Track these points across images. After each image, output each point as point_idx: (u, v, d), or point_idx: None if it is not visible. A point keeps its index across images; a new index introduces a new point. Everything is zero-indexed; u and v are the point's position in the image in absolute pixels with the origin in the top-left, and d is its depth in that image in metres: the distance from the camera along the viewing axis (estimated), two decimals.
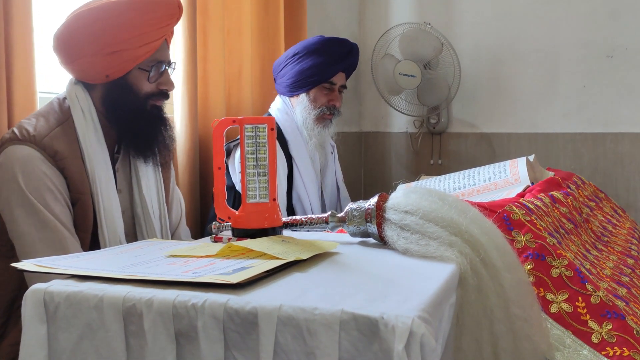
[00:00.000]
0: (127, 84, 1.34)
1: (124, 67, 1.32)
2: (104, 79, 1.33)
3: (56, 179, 1.25)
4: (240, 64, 2.16)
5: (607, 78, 2.66)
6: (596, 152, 2.70)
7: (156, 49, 1.35)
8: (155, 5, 1.33)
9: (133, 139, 1.38)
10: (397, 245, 1.03)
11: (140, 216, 1.42)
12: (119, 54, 1.30)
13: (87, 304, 0.82)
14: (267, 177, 1.11)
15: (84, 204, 1.29)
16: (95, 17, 1.30)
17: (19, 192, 1.22)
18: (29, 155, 1.23)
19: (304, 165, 1.97)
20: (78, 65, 1.32)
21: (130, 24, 1.30)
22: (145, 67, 1.35)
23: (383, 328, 0.71)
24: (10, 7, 1.37)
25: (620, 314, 1.23)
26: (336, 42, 1.99)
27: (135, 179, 1.42)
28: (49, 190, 1.23)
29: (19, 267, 0.90)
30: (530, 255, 1.31)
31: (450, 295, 0.89)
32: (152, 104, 1.39)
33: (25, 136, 1.25)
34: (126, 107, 1.35)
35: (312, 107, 1.96)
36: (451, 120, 2.96)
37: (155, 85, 1.38)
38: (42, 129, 1.27)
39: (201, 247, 1.04)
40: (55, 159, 1.25)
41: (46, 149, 1.25)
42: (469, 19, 2.88)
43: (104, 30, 1.29)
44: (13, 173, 1.22)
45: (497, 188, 1.82)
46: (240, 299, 0.77)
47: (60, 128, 1.29)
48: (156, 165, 1.44)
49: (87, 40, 1.29)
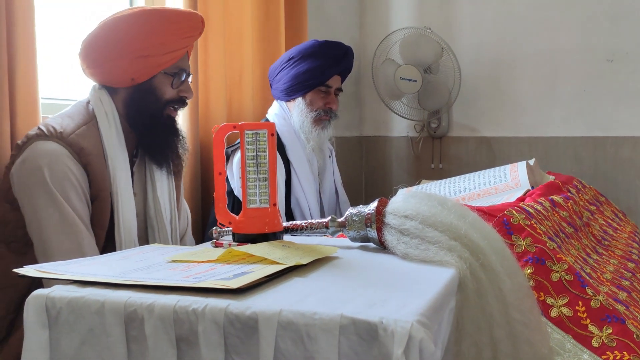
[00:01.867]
0: (151, 88, 1.41)
1: (150, 72, 1.40)
2: (129, 82, 1.39)
3: (79, 175, 1.30)
4: (241, 69, 2.16)
5: (608, 82, 2.67)
6: (596, 156, 2.70)
7: (179, 57, 1.43)
8: (182, 17, 1.43)
9: (150, 144, 1.45)
10: (397, 249, 1.03)
11: (153, 219, 1.47)
12: (146, 59, 1.37)
13: (88, 309, 0.82)
14: (267, 183, 1.11)
15: (102, 201, 1.34)
16: (124, 24, 1.37)
17: (43, 184, 1.26)
18: (56, 151, 1.28)
19: (301, 169, 1.98)
20: (106, 68, 1.39)
21: (158, 31, 1.38)
22: (170, 73, 1.43)
23: (382, 333, 0.71)
24: (13, 13, 1.38)
25: (620, 318, 1.23)
26: (331, 46, 2.00)
27: (150, 183, 1.48)
28: (72, 186, 1.28)
29: (21, 272, 0.91)
30: (530, 259, 1.32)
31: (449, 299, 0.89)
32: (168, 114, 1.45)
33: (52, 132, 1.30)
34: (147, 110, 1.42)
35: (308, 110, 1.97)
36: (452, 124, 2.96)
37: (176, 92, 1.45)
38: (69, 127, 1.33)
39: (202, 252, 1.04)
40: (80, 155, 1.31)
41: (72, 145, 1.30)
42: (470, 24, 2.89)
43: (133, 35, 1.36)
44: (39, 166, 1.26)
45: (497, 192, 1.83)
46: (240, 304, 0.78)
47: (86, 127, 1.35)
48: (169, 173, 1.50)
49: (117, 44, 1.36)
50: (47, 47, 1.69)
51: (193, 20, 1.44)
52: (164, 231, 1.47)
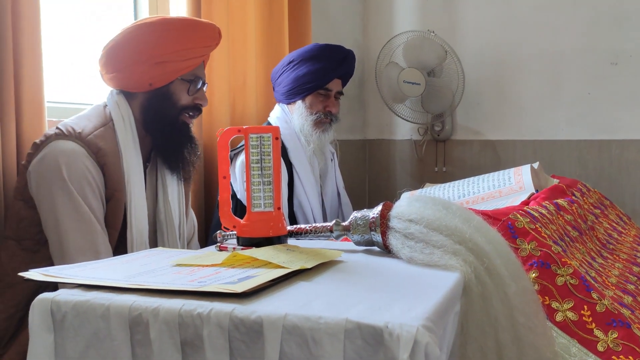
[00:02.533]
0: (168, 93, 1.45)
1: (168, 77, 1.43)
2: (147, 87, 1.43)
3: (96, 175, 1.33)
4: (244, 73, 2.17)
5: (612, 85, 2.66)
6: (601, 159, 2.69)
7: (196, 65, 1.47)
8: (200, 26, 1.48)
9: (164, 149, 1.48)
10: (402, 253, 1.03)
11: (163, 222, 1.50)
12: (164, 65, 1.41)
13: (93, 313, 0.83)
14: (271, 186, 1.11)
15: (117, 201, 1.37)
16: (146, 31, 1.42)
17: (62, 182, 1.29)
18: (74, 150, 1.31)
19: (303, 172, 1.98)
20: (125, 73, 1.42)
21: (177, 38, 1.42)
22: (187, 79, 1.46)
23: (387, 337, 0.71)
24: (19, 17, 1.39)
25: (626, 322, 1.23)
26: (331, 49, 2.00)
27: (161, 187, 1.51)
28: (89, 185, 1.31)
29: (27, 276, 0.91)
30: (535, 263, 1.31)
31: (454, 303, 0.89)
32: (183, 120, 1.48)
33: (70, 132, 1.33)
34: (163, 115, 1.45)
35: (308, 113, 1.98)
36: (455, 127, 2.96)
37: (192, 99, 1.48)
38: (87, 128, 1.36)
39: (206, 256, 1.04)
40: (97, 155, 1.34)
41: (90, 145, 1.33)
42: (473, 27, 2.89)
43: (153, 42, 1.41)
44: (57, 164, 1.29)
45: (501, 196, 1.82)
46: (245, 308, 0.78)
47: (103, 129, 1.38)
48: (180, 179, 1.53)
49: (136, 50, 1.41)
50: (52, 50, 1.69)
51: (211, 31, 1.49)
52: (173, 235, 1.50)
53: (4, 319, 1.31)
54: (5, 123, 1.36)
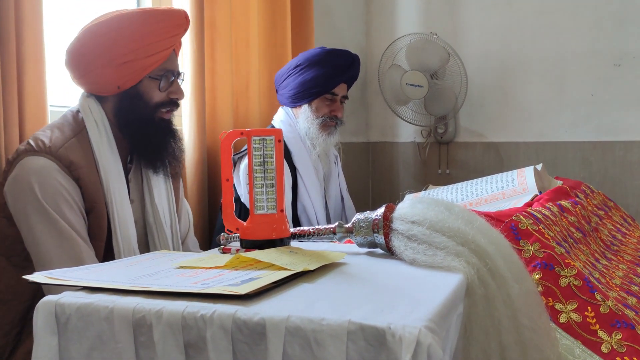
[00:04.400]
0: (138, 93, 1.37)
1: (135, 77, 1.36)
2: (115, 90, 1.36)
3: (71, 189, 1.28)
4: (247, 76, 2.17)
5: (615, 86, 2.66)
6: (605, 160, 2.69)
7: (165, 58, 1.38)
8: (162, 16, 1.37)
9: (144, 150, 1.41)
10: (404, 255, 1.03)
11: (152, 225, 1.44)
12: (129, 64, 1.33)
13: (97, 316, 0.83)
14: (274, 189, 1.11)
15: (98, 212, 1.32)
16: (104, 30, 1.33)
17: (36, 202, 1.24)
18: (45, 166, 1.26)
19: (307, 176, 1.98)
20: (90, 77, 1.35)
21: (139, 34, 1.33)
22: (155, 76, 1.38)
23: (390, 338, 0.71)
24: (21, 21, 1.39)
25: (630, 324, 1.22)
26: (338, 54, 2.00)
27: (147, 189, 1.45)
28: (64, 200, 1.26)
29: (31, 279, 0.92)
30: (538, 264, 1.31)
31: (457, 305, 0.89)
32: (160, 117, 1.42)
33: (41, 147, 1.28)
34: (137, 116, 1.38)
35: (314, 116, 1.98)
36: (458, 129, 2.96)
37: (165, 94, 1.41)
38: (58, 140, 1.30)
39: (209, 259, 1.05)
40: (70, 169, 1.28)
41: (62, 159, 1.28)
42: (475, 29, 2.89)
43: (114, 41, 1.32)
44: (29, 183, 1.25)
45: (504, 197, 1.82)
46: (248, 309, 0.78)
47: (75, 139, 1.33)
48: (167, 176, 1.47)
49: (98, 52, 1.33)
50: (55, 54, 1.70)
51: (175, 18, 1.37)
52: (163, 237, 1.45)
53: (0, 337, 1.29)
54: (8, 127, 1.37)
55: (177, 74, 1.43)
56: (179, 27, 1.39)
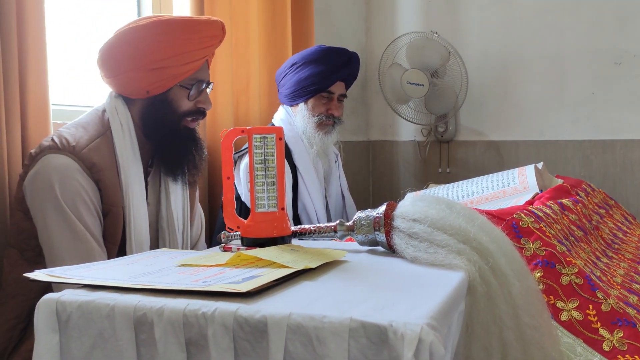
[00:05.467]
0: (167, 100, 1.37)
1: (165, 84, 1.35)
2: (144, 95, 1.36)
3: (91, 191, 1.28)
4: (248, 75, 2.17)
5: (616, 85, 2.66)
6: (606, 159, 2.69)
7: (198, 68, 1.38)
8: (199, 26, 1.36)
9: (166, 157, 1.41)
10: (406, 253, 1.03)
11: (165, 230, 1.44)
12: (160, 71, 1.33)
13: (98, 314, 0.83)
14: (275, 187, 1.11)
15: (115, 216, 1.32)
16: (140, 34, 1.33)
17: (54, 201, 1.24)
18: (67, 166, 1.26)
19: (307, 174, 1.98)
20: (120, 79, 1.36)
21: (174, 42, 1.33)
22: (186, 85, 1.38)
23: (392, 336, 0.71)
24: (24, 20, 1.39)
25: (631, 322, 1.22)
26: (334, 52, 1.99)
27: (164, 193, 1.45)
28: (83, 202, 1.26)
29: (32, 277, 0.92)
30: (539, 262, 1.31)
31: (459, 303, 0.89)
32: (185, 125, 1.42)
33: (65, 146, 1.28)
34: (163, 123, 1.38)
35: (310, 115, 1.97)
36: (459, 128, 2.96)
37: (193, 104, 1.41)
38: (82, 140, 1.30)
39: (211, 257, 1.05)
40: (92, 170, 1.28)
41: (84, 160, 1.28)
42: (476, 27, 2.89)
43: (149, 46, 1.32)
44: (50, 181, 1.25)
45: (505, 196, 1.82)
46: (249, 307, 0.78)
47: (99, 140, 1.32)
48: (185, 183, 1.47)
49: (131, 55, 1.33)
50: (57, 53, 1.70)
51: (212, 29, 1.38)
52: (174, 242, 1.45)
53: (5, 331, 1.29)
54: (10, 125, 1.36)
55: (207, 84, 1.43)
56: (214, 39, 1.39)
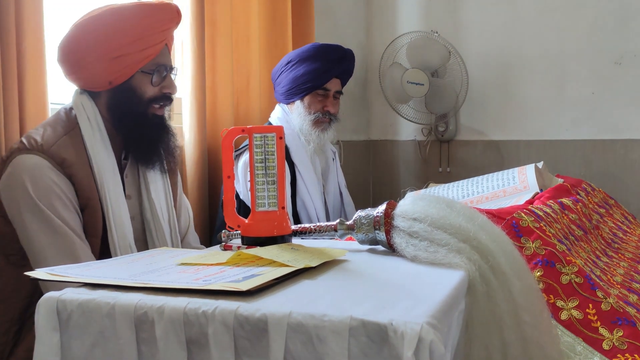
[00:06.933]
0: (131, 88, 1.37)
1: (127, 72, 1.35)
2: (107, 86, 1.36)
3: (64, 186, 1.28)
4: (248, 74, 2.17)
5: (616, 85, 2.66)
6: (606, 158, 2.69)
7: (157, 53, 1.38)
8: (154, 10, 1.36)
9: (137, 145, 1.41)
10: (406, 252, 1.03)
11: (150, 221, 1.44)
12: (121, 59, 1.33)
13: (99, 312, 0.83)
14: (275, 186, 1.11)
15: (92, 209, 1.32)
16: (95, 25, 1.33)
17: (29, 200, 1.24)
18: (37, 164, 1.26)
19: (305, 171, 1.98)
20: (82, 73, 1.36)
21: (130, 28, 1.33)
22: (147, 71, 1.38)
23: (392, 334, 0.71)
24: (22, 19, 1.39)
25: (631, 321, 1.22)
26: (328, 49, 1.99)
27: (144, 185, 1.45)
28: (58, 198, 1.26)
29: (33, 275, 0.91)
30: (539, 262, 1.31)
31: (459, 302, 0.89)
32: (154, 112, 1.41)
33: (33, 145, 1.28)
34: (130, 111, 1.38)
35: (306, 112, 1.98)
36: (459, 127, 2.96)
37: (158, 89, 1.40)
38: (50, 138, 1.30)
39: (211, 255, 1.05)
40: (62, 166, 1.28)
41: (54, 157, 1.28)
42: (476, 27, 2.89)
43: (105, 36, 1.32)
44: (22, 182, 1.25)
45: (505, 195, 1.82)
46: (250, 306, 0.78)
47: (68, 136, 1.32)
48: (163, 172, 1.47)
49: (90, 47, 1.33)
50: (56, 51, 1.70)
51: (166, 12, 1.37)
52: (161, 232, 1.45)
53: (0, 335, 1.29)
54: (9, 124, 1.37)
55: (169, 69, 1.42)
56: (170, 21, 1.38)
